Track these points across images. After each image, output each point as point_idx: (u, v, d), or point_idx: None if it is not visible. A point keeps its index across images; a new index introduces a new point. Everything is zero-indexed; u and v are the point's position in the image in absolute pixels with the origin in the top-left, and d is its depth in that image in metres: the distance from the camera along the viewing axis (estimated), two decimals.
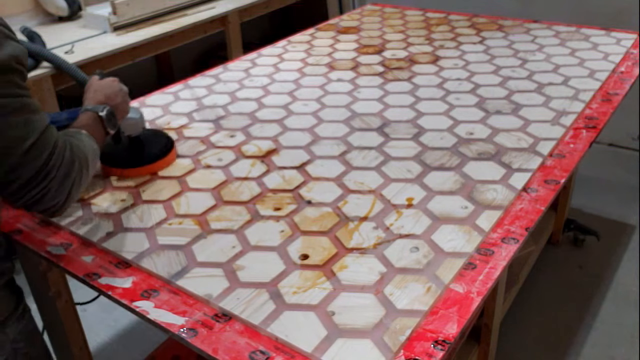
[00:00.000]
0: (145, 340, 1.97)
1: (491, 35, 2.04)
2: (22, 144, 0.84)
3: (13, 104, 0.84)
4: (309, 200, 1.15)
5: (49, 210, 0.93)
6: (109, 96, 1.14)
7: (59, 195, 0.91)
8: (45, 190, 0.89)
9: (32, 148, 0.85)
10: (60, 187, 0.90)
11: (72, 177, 0.91)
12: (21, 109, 0.85)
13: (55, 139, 0.89)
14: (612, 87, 1.61)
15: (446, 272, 0.94)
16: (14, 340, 1.03)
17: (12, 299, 1.05)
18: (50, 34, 2.32)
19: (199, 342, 0.84)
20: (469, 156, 1.29)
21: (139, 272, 0.99)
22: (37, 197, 0.89)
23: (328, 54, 1.95)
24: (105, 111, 1.09)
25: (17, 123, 0.84)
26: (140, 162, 1.28)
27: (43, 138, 0.87)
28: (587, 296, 2.09)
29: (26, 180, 0.87)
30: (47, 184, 0.88)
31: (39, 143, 0.86)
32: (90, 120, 1.08)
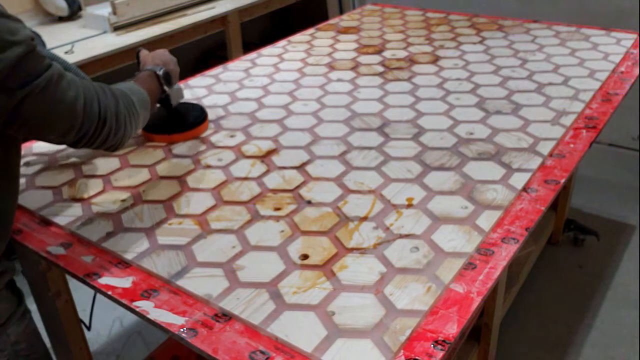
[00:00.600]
0: (145, 340, 1.97)
1: (491, 35, 2.04)
2: (78, 102, 0.93)
3: (55, 74, 0.89)
4: (309, 200, 1.15)
5: (114, 146, 1.05)
6: (166, 62, 1.31)
7: (119, 132, 1.02)
8: (108, 131, 0.99)
9: (85, 103, 0.94)
10: (117, 125, 1.01)
11: (122, 113, 1.02)
12: (59, 75, 0.90)
13: (93, 86, 0.98)
14: (612, 87, 1.61)
15: (446, 272, 0.94)
16: (15, 342, 1.03)
17: (13, 300, 1.05)
18: (50, 34, 2.32)
19: (199, 342, 0.84)
20: (469, 156, 1.29)
21: (139, 272, 0.99)
22: (104, 139, 1.00)
23: (328, 54, 1.95)
24: (162, 71, 1.27)
25: (66, 87, 0.91)
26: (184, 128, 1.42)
27: (86, 91, 0.95)
28: (587, 296, 2.09)
29: (93, 131, 0.97)
30: (108, 126, 0.99)
31: (87, 96, 0.95)
32: (147, 76, 1.25)
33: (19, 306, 1.06)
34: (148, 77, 1.25)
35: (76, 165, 1.33)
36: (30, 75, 0.85)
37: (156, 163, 1.32)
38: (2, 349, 1.02)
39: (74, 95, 0.92)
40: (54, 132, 0.94)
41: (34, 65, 0.85)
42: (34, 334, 1.10)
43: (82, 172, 1.30)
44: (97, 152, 1.38)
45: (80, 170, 1.30)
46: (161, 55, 1.33)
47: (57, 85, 0.89)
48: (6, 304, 1.03)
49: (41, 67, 0.87)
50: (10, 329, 1.03)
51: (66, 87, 0.91)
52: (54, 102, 0.89)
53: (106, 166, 1.31)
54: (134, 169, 1.30)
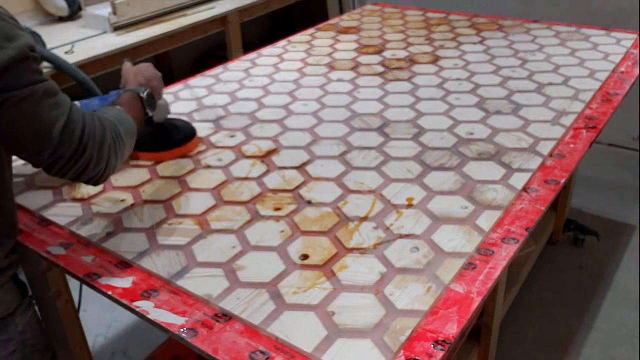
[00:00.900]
0: (145, 340, 1.97)
1: (491, 35, 2.04)
2: (57, 124, 0.88)
3: (39, 90, 0.87)
4: (309, 200, 1.15)
5: (94, 178, 0.97)
6: (148, 79, 1.21)
7: (100, 163, 0.95)
8: (87, 160, 0.93)
9: (66, 126, 0.90)
10: (99, 155, 0.95)
11: (107, 144, 0.96)
12: (47, 92, 0.88)
13: (82, 113, 0.94)
14: (612, 87, 1.61)
15: (446, 272, 0.94)
16: (22, 331, 1.05)
17: (18, 292, 1.07)
18: (50, 34, 2.32)
19: (199, 342, 0.84)
20: (469, 156, 1.28)
21: (139, 272, 0.99)
22: (81, 169, 0.94)
23: (328, 54, 1.95)
24: (146, 93, 1.17)
25: (48, 106, 0.88)
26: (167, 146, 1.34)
27: (72, 115, 0.91)
28: (587, 296, 2.09)
29: (69, 156, 0.91)
30: (88, 155, 0.93)
31: (71, 120, 0.90)
32: (130, 99, 1.15)
33: (24, 297, 1.08)
34: (132, 100, 1.15)
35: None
36: (13, 82, 0.83)
37: (156, 164, 1.32)
38: (11, 337, 1.04)
39: (53, 116, 0.88)
40: (24, 149, 0.90)
41: (21, 74, 0.83)
42: (38, 324, 1.12)
43: None
44: None
45: None
46: (144, 70, 1.23)
47: (38, 101, 0.86)
48: (13, 295, 1.04)
49: (29, 79, 0.85)
50: (17, 319, 1.04)
51: (48, 106, 0.88)
52: (29, 117, 0.86)
53: None
54: (134, 169, 1.30)
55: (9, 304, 1.03)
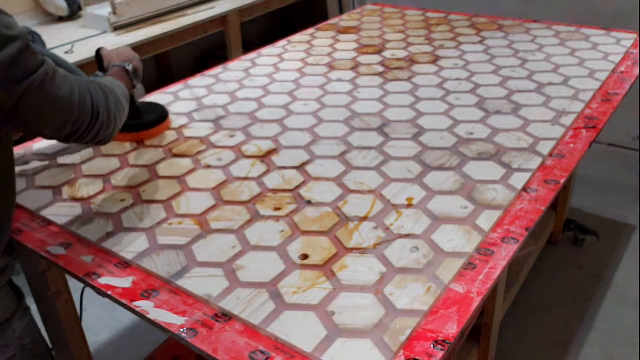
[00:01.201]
0: (145, 340, 1.97)
1: (491, 35, 2.04)
2: (73, 96, 0.94)
3: (49, 69, 0.90)
4: (309, 200, 1.15)
5: (104, 140, 1.04)
6: (130, 58, 1.32)
7: (110, 125, 1.03)
8: (100, 125, 1.00)
9: (80, 98, 0.95)
10: (109, 119, 1.02)
11: (112, 107, 1.03)
12: (53, 70, 0.91)
13: (85, 83, 0.99)
14: (612, 87, 1.61)
15: (446, 272, 0.94)
16: (20, 337, 1.05)
17: (15, 297, 1.06)
18: (50, 34, 2.32)
19: (199, 342, 0.84)
20: (469, 156, 1.28)
21: (139, 272, 0.99)
22: (95, 134, 1.00)
23: (328, 54, 1.95)
24: (131, 66, 1.28)
25: (61, 83, 0.92)
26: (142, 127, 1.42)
27: (79, 86, 0.96)
28: (587, 296, 2.09)
29: (87, 125, 0.98)
30: (100, 120, 0.99)
31: (81, 91, 0.96)
32: (119, 72, 1.26)
33: (20, 302, 1.07)
34: (120, 73, 1.25)
35: (76, 165, 1.33)
36: (27, 70, 0.85)
37: (156, 163, 1.32)
38: (9, 343, 1.03)
39: (69, 90, 0.93)
40: (50, 127, 0.94)
41: (31, 60, 0.86)
42: (36, 330, 1.12)
43: (82, 172, 1.30)
44: (97, 152, 1.38)
45: (80, 170, 1.30)
46: (125, 52, 1.34)
47: (52, 80, 0.90)
48: (10, 300, 1.04)
49: (37, 63, 0.87)
50: (15, 325, 1.04)
51: (61, 83, 0.92)
52: (51, 97, 0.90)
53: (106, 166, 1.31)
54: (134, 169, 1.30)
55: (6, 310, 1.02)
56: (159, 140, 1.42)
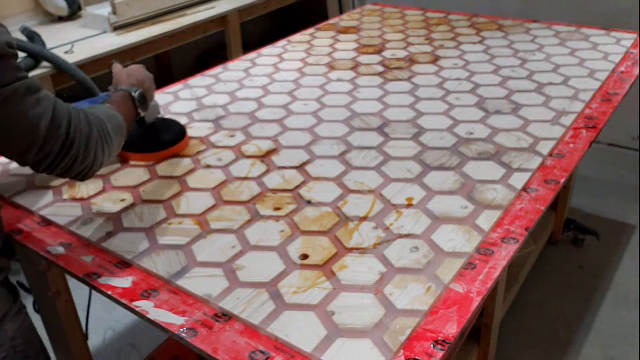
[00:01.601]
0: (145, 340, 1.97)
1: (491, 35, 2.04)
2: (43, 121, 0.87)
3: (22, 87, 0.86)
4: (309, 200, 1.15)
5: (81, 174, 0.97)
6: (141, 81, 1.21)
7: (87, 159, 0.95)
8: (74, 156, 0.93)
9: (52, 123, 0.89)
10: (86, 151, 0.94)
11: (94, 140, 0.95)
12: (29, 89, 0.87)
13: (67, 108, 0.93)
14: (612, 87, 1.61)
15: (446, 272, 0.94)
16: (13, 338, 1.04)
17: (9, 297, 1.06)
18: (50, 34, 2.32)
19: (199, 342, 0.84)
20: (469, 156, 1.29)
21: (139, 272, 0.99)
22: (68, 165, 0.93)
23: (328, 54, 1.95)
24: (138, 93, 1.16)
25: (32, 103, 0.87)
26: (158, 147, 1.33)
27: (57, 111, 0.90)
28: (587, 296, 2.09)
29: (56, 153, 0.90)
30: (75, 151, 0.92)
31: (56, 116, 0.89)
32: (122, 99, 1.14)
33: (14, 303, 1.07)
34: (123, 99, 1.14)
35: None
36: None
37: (156, 163, 1.32)
38: (1, 344, 1.02)
39: (39, 113, 0.87)
40: (12, 149, 0.89)
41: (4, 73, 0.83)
42: (30, 330, 1.11)
43: None
44: None
45: None
46: (136, 73, 1.23)
47: (21, 99, 0.85)
48: (3, 301, 1.03)
49: (10, 78, 0.84)
50: (7, 325, 1.03)
51: (32, 104, 0.86)
52: (14, 115, 0.85)
53: (106, 166, 1.31)
54: (134, 169, 1.30)
55: None
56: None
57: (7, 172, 1.32)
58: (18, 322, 1.06)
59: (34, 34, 2.11)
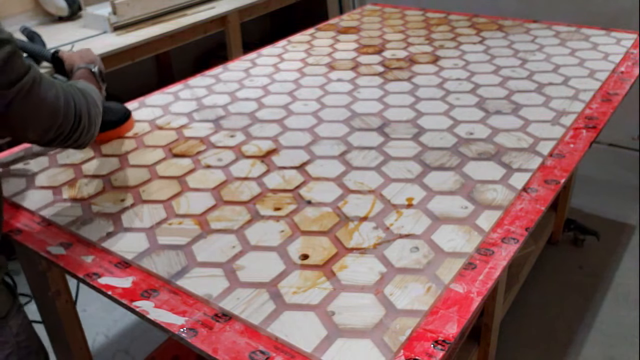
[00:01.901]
0: (145, 340, 1.97)
1: (491, 35, 2.04)
2: (59, 101, 0.94)
3: (36, 74, 0.90)
4: (309, 200, 1.15)
5: (85, 144, 1.06)
6: (93, 60, 1.32)
7: (90, 130, 1.04)
8: (82, 130, 1.01)
9: (65, 103, 0.96)
10: (89, 123, 1.02)
11: (92, 112, 1.03)
12: (39, 75, 0.91)
13: (67, 87, 0.99)
14: (612, 87, 1.61)
15: (446, 272, 0.94)
16: (17, 334, 1.05)
17: (9, 294, 1.06)
18: (50, 34, 2.32)
19: (199, 342, 0.84)
20: (469, 156, 1.29)
21: (139, 272, 0.99)
22: (77, 137, 1.01)
23: (328, 54, 1.95)
24: (97, 68, 1.28)
25: (47, 87, 0.92)
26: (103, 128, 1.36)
27: (64, 91, 0.96)
28: (587, 296, 2.09)
29: (69, 130, 0.98)
30: (82, 125, 1.00)
31: (66, 96, 0.96)
32: (86, 74, 1.25)
33: (15, 300, 1.08)
34: (86, 76, 1.24)
35: (76, 165, 1.33)
36: (18, 74, 0.86)
37: (156, 163, 1.32)
38: (6, 340, 1.04)
39: (54, 95, 0.93)
40: (36, 131, 0.94)
41: (20, 63, 0.86)
42: (30, 326, 1.12)
43: (82, 172, 1.30)
44: (97, 152, 1.38)
45: (80, 170, 1.30)
46: (87, 53, 1.33)
47: (40, 84, 0.90)
48: (5, 297, 1.04)
49: (25, 67, 0.88)
50: (11, 322, 1.04)
51: (48, 87, 0.92)
52: (39, 101, 0.90)
53: (106, 166, 1.31)
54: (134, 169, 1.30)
55: (2, 306, 1.03)
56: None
57: (7, 172, 1.32)
58: (19, 318, 1.07)
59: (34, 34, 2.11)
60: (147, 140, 1.43)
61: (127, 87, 2.94)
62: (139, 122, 1.52)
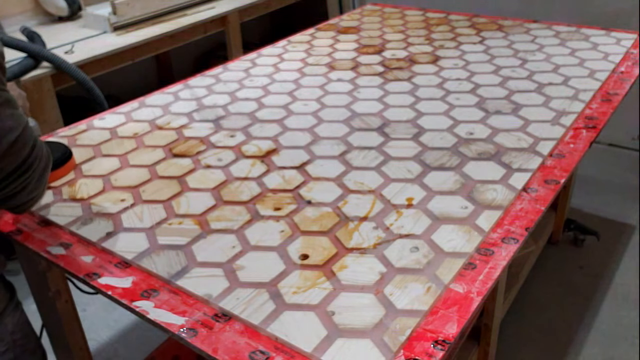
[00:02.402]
0: (145, 340, 1.97)
1: (491, 35, 2.04)
2: (10, 135, 0.84)
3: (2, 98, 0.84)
4: (309, 200, 1.15)
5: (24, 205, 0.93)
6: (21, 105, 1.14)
7: (36, 189, 0.91)
8: (25, 183, 0.89)
9: (17, 141, 0.85)
10: (38, 182, 0.91)
11: (47, 172, 0.93)
12: (7, 103, 0.85)
13: (35, 135, 0.90)
14: (612, 87, 1.61)
15: (446, 272, 0.94)
16: (12, 332, 1.05)
17: (6, 292, 1.06)
18: (50, 34, 2.32)
19: (199, 342, 0.84)
20: (469, 156, 1.29)
21: (139, 272, 0.99)
22: (15, 190, 0.89)
23: (328, 54, 1.95)
24: None
25: (6, 115, 0.84)
26: None
27: (25, 132, 0.87)
28: (587, 296, 2.09)
29: (9, 172, 0.86)
30: (27, 178, 0.88)
31: (23, 136, 0.86)
32: None
33: (12, 298, 1.08)
34: None
35: (76, 166, 1.33)
36: None
37: (156, 163, 1.32)
38: (2, 338, 1.04)
39: (8, 126, 0.84)
40: None
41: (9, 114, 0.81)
42: (27, 325, 1.12)
43: (82, 172, 1.30)
44: (97, 152, 1.38)
45: (80, 170, 1.30)
46: None
47: None
48: (1, 296, 1.04)
49: None
50: (7, 319, 1.05)
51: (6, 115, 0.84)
52: None
53: (106, 166, 1.31)
54: (134, 169, 1.30)
55: None
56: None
57: None
58: (16, 317, 1.07)
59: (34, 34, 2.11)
60: (147, 140, 1.43)
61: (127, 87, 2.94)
62: (139, 122, 1.51)
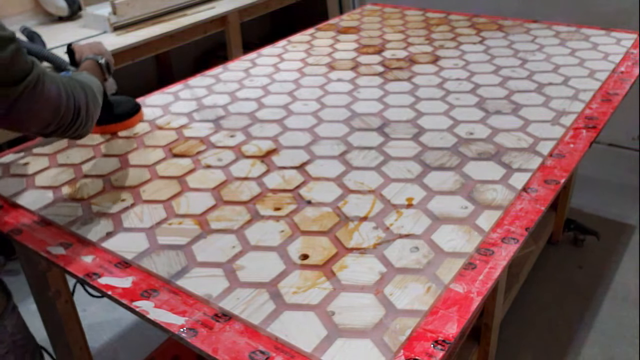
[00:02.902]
0: (145, 340, 1.97)
1: (491, 35, 2.04)
2: (62, 97, 0.97)
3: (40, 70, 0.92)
4: (309, 200, 1.15)
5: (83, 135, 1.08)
6: (102, 52, 1.36)
7: (88, 122, 1.06)
8: (81, 122, 1.03)
9: (66, 98, 0.98)
10: (87, 116, 1.05)
11: (90, 105, 1.06)
12: (44, 72, 0.93)
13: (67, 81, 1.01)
14: (612, 87, 1.61)
15: (446, 272, 0.94)
16: (12, 333, 1.05)
17: (4, 294, 1.07)
18: (50, 34, 2.32)
19: (199, 342, 0.84)
20: (469, 156, 1.29)
21: (139, 272, 0.99)
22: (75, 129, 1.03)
23: (328, 54, 1.95)
24: (104, 60, 1.33)
25: (50, 83, 0.94)
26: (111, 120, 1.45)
27: (65, 86, 0.98)
28: (587, 296, 2.09)
29: (69, 122, 1.00)
30: (81, 118, 1.03)
31: (67, 91, 0.98)
32: (92, 65, 1.30)
33: (9, 299, 1.08)
34: (92, 66, 1.29)
35: (76, 165, 1.33)
36: (23, 71, 0.87)
37: (156, 163, 1.32)
38: (2, 340, 1.04)
39: (57, 91, 0.95)
40: (39, 125, 0.97)
41: (24, 61, 0.88)
42: (24, 326, 1.13)
43: (82, 172, 1.30)
44: (97, 152, 1.38)
45: (80, 170, 1.30)
46: (97, 45, 1.37)
47: (44, 81, 0.92)
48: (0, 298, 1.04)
49: (29, 64, 0.89)
50: (6, 321, 1.05)
51: (51, 83, 0.94)
52: (43, 98, 0.92)
53: (106, 166, 1.32)
54: (134, 169, 1.30)
55: None
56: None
57: (7, 172, 1.32)
58: (14, 318, 1.08)
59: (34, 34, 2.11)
60: (147, 140, 1.43)
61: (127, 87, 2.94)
62: (138, 122, 1.52)
